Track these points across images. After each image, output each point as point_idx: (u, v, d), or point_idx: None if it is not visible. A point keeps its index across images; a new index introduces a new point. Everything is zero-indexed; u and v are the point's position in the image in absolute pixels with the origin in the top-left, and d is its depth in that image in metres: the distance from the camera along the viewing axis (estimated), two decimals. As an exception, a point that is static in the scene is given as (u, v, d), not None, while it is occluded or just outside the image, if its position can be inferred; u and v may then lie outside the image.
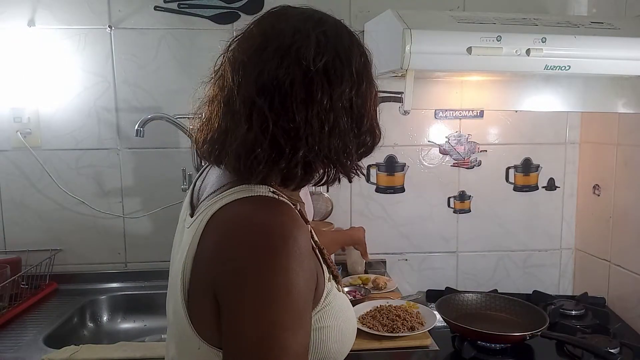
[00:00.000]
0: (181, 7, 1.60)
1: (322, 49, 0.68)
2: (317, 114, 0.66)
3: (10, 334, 1.31)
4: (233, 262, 0.62)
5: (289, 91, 0.66)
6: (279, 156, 0.67)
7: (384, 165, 1.72)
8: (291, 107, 0.66)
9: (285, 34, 0.68)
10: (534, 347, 1.29)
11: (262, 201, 0.67)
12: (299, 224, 0.65)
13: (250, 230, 0.63)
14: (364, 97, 0.71)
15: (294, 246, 0.62)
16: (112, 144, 1.64)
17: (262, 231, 0.63)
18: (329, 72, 0.67)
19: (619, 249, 1.57)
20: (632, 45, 1.24)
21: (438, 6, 1.65)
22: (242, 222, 0.65)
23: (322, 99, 0.66)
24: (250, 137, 0.66)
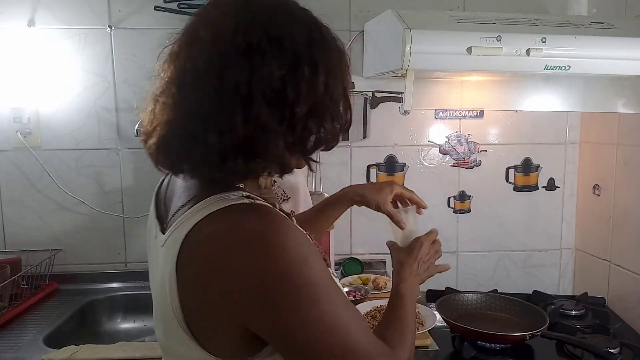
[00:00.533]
0: (181, 7, 1.60)
1: (246, 28, 0.61)
2: (231, 100, 0.60)
3: (10, 334, 1.31)
4: (247, 278, 0.60)
5: (203, 77, 0.61)
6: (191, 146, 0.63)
7: (384, 165, 1.72)
8: (205, 93, 0.61)
9: (210, 21, 0.64)
10: (534, 347, 1.29)
11: (240, 210, 0.63)
12: (284, 221, 0.63)
13: (242, 245, 0.60)
14: (301, 81, 0.62)
15: (293, 239, 0.61)
16: (112, 144, 1.64)
17: (255, 242, 0.60)
18: (253, 53, 0.60)
19: (619, 249, 1.57)
20: (632, 45, 1.24)
21: (438, 6, 1.65)
22: (230, 236, 0.61)
23: (238, 83, 0.60)
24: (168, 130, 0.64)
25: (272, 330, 0.62)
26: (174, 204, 0.72)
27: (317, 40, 0.65)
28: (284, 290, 0.60)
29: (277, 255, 0.60)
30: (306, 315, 0.61)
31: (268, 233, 0.61)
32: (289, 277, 0.60)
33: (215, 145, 0.61)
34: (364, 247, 1.74)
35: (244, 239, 0.60)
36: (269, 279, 0.59)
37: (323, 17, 0.70)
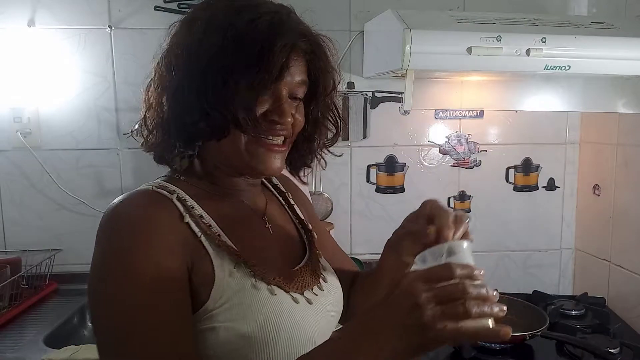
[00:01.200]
0: (181, 7, 1.60)
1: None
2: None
3: (10, 334, 1.31)
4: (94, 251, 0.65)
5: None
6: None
7: (384, 165, 1.72)
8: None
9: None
10: (534, 347, 1.29)
11: (127, 194, 0.69)
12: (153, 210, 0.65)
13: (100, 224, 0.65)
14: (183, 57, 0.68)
15: (120, 231, 0.63)
16: (112, 144, 1.64)
17: (102, 223, 0.65)
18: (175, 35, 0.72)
19: (619, 249, 1.57)
20: (632, 45, 1.24)
21: (438, 6, 1.65)
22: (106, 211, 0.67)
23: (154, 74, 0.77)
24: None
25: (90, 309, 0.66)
26: None
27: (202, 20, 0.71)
28: (92, 275, 0.63)
29: (102, 239, 0.64)
30: (96, 306, 0.63)
31: (109, 218, 0.65)
32: (99, 264, 0.63)
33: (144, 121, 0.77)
34: (364, 247, 1.74)
35: (107, 214, 0.66)
36: (96, 260, 0.63)
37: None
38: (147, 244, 0.62)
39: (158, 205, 0.66)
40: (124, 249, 0.61)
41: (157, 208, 0.66)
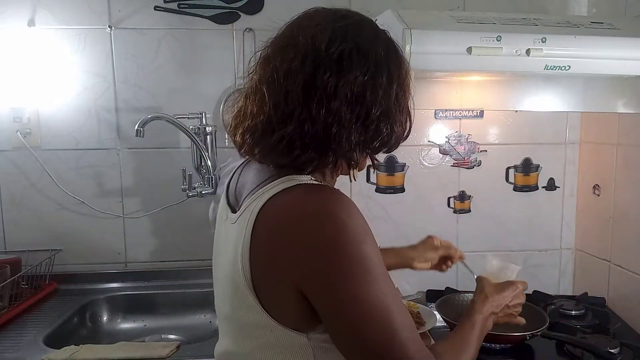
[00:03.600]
0: (181, 7, 1.60)
1: (339, 39, 0.71)
2: (317, 99, 0.69)
3: (10, 334, 1.31)
4: (309, 250, 0.65)
5: (294, 77, 0.70)
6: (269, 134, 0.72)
7: (384, 165, 1.72)
8: (293, 91, 0.70)
9: (306, 30, 0.73)
10: (534, 347, 1.29)
11: (309, 187, 0.70)
12: (349, 201, 0.69)
13: (310, 215, 0.66)
14: (378, 87, 0.72)
15: (356, 218, 0.67)
16: (112, 144, 1.64)
17: (319, 215, 0.66)
18: (343, 60, 0.70)
19: (619, 249, 1.57)
20: (632, 45, 1.24)
21: (438, 6, 1.65)
22: (299, 208, 0.67)
23: (326, 85, 0.69)
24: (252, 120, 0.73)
25: (323, 303, 0.67)
26: (246, 189, 0.79)
27: (393, 56, 0.76)
28: (339, 264, 0.65)
29: (339, 230, 0.65)
30: (356, 294, 0.65)
31: (332, 208, 0.66)
32: (346, 253, 0.65)
33: (293, 134, 0.70)
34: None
35: (309, 211, 0.67)
36: (328, 252, 0.65)
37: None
38: (375, 242, 0.69)
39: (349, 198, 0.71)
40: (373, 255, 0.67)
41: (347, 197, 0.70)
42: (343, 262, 0.65)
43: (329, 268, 0.65)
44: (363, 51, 0.71)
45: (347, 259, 0.65)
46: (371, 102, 0.71)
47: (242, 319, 0.74)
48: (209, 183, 1.54)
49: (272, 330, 0.70)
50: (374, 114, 0.72)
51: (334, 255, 0.65)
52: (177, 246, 1.68)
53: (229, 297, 0.75)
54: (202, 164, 1.56)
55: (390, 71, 0.74)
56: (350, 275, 0.65)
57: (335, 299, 0.66)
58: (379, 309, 0.65)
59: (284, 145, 0.70)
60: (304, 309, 0.69)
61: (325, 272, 0.65)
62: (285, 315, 0.70)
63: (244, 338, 0.75)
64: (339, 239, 0.65)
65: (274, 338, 0.71)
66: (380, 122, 0.73)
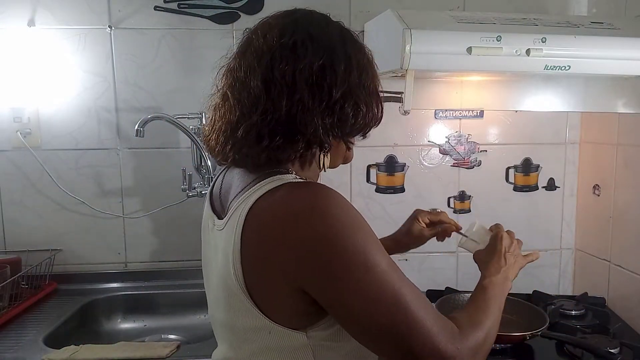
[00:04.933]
0: (181, 7, 1.60)
1: (290, 31, 0.73)
2: (277, 87, 0.71)
3: (10, 334, 1.31)
4: (303, 247, 0.65)
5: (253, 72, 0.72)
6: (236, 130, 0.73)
7: (384, 165, 1.72)
8: (255, 84, 0.72)
9: (261, 31, 0.76)
10: (534, 347, 1.29)
11: (294, 185, 0.70)
12: (337, 194, 0.69)
13: (299, 212, 0.66)
14: (337, 70, 0.73)
15: (346, 209, 0.68)
16: (112, 144, 1.64)
17: (308, 210, 0.66)
18: (296, 48, 0.72)
19: (619, 249, 1.57)
20: (632, 45, 1.24)
21: (438, 6, 1.65)
22: (287, 207, 0.67)
23: (284, 73, 0.71)
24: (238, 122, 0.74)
25: (327, 295, 0.67)
26: (231, 195, 0.79)
27: (349, 40, 0.77)
28: (337, 256, 0.65)
29: (330, 223, 0.65)
30: (357, 281, 0.65)
31: (321, 203, 0.67)
32: (342, 243, 0.65)
33: (258, 124, 0.71)
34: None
35: (298, 208, 0.67)
36: (323, 246, 0.65)
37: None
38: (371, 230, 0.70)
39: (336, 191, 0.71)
40: (370, 241, 0.68)
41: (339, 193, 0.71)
42: (341, 253, 0.65)
43: (327, 262, 0.65)
44: (316, 38, 0.73)
45: (344, 249, 0.65)
46: (330, 84, 0.72)
47: (238, 324, 0.74)
48: (209, 183, 1.54)
49: (270, 332, 0.70)
50: (335, 95, 0.72)
51: (331, 248, 0.65)
52: (177, 246, 1.68)
53: (223, 303, 0.75)
54: (202, 164, 1.56)
55: (348, 54, 0.75)
56: (350, 264, 0.65)
57: (341, 291, 0.65)
58: (387, 291, 0.65)
59: (251, 136, 0.71)
60: (305, 306, 0.69)
61: (325, 267, 0.65)
62: (284, 315, 0.70)
63: (241, 343, 0.75)
64: (332, 232, 0.65)
65: (273, 340, 0.71)
66: (345, 102, 0.73)
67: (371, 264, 0.66)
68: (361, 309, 0.65)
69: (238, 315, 0.72)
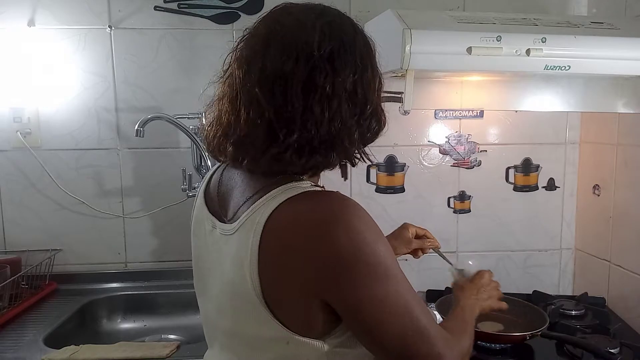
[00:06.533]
0: (181, 7, 1.60)
1: (326, 37, 0.71)
2: (318, 100, 0.69)
3: (10, 334, 1.31)
4: (326, 257, 0.66)
5: (291, 80, 0.68)
6: (272, 142, 0.69)
7: (384, 165, 1.72)
8: (293, 94, 0.68)
9: (288, 27, 0.72)
10: (534, 347, 1.29)
11: (314, 195, 0.70)
12: (358, 206, 0.70)
13: (323, 224, 0.66)
14: (367, 83, 0.73)
15: (367, 219, 0.69)
16: (112, 144, 1.64)
17: (334, 221, 0.66)
18: (334, 59, 0.70)
19: (619, 249, 1.57)
20: (632, 45, 1.24)
21: (438, 6, 1.65)
22: (310, 218, 0.67)
23: (325, 85, 0.69)
24: (249, 129, 0.70)
25: (346, 305, 0.68)
26: (236, 197, 0.77)
27: (371, 49, 0.78)
28: (359, 268, 0.66)
29: (354, 235, 0.66)
30: (376, 292, 0.67)
31: (345, 214, 0.67)
32: (363, 255, 0.66)
33: (300, 140, 0.68)
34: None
35: (321, 219, 0.66)
36: (346, 258, 0.65)
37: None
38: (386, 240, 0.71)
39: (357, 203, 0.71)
40: (387, 252, 0.69)
41: (360, 205, 0.71)
42: (363, 266, 0.66)
43: (350, 272, 0.66)
44: (349, 48, 0.72)
45: (366, 261, 0.66)
46: (363, 98, 0.73)
47: (250, 333, 0.72)
48: (209, 183, 1.54)
49: (288, 342, 0.69)
50: (368, 109, 0.73)
51: (354, 260, 0.66)
52: (177, 246, 1.68)
53: (230, 311, 0.74)
54: (202, 164, 1.56)
55: (373, 63, 0.76)
56: (370, 276, 0.66)
57: (360, 301, 0.67)
58: (400, 303, 0.68)
59: (290, 153, 0.69)
60: (323, 315, 0.69)
61: (347, 277, 0.66)
62: (302, 324, 0.70)
63: (252, 352, 0.74)
64: (355, 244, 0.66)
65: (290, 350, 0.70)
66: (373, 117, 0.75)
67: (391, 274, 0.68)
68: (377, 318, 0.67)
69: (251, 324, 0.71)
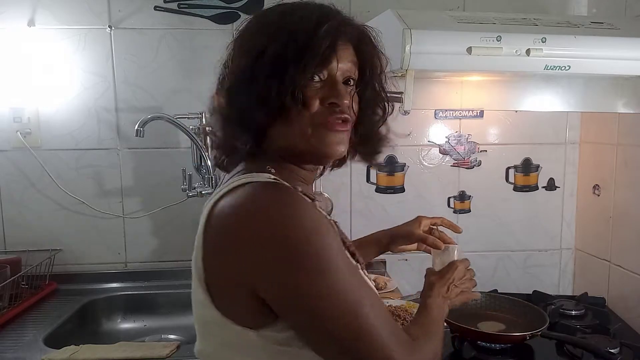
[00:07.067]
0: (181, 7, 1.60)
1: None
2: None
3: (10, 334, 1.31)
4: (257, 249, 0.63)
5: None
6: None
7: (384, 165, 1.72)
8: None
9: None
10: (534, 347, 1.29)
11: (256, 185, 0.68)
12: (298, 197, 0.66)
13: (252, 215, 0.64)
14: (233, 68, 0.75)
15: (304, 211, 0.64)
16: (112, 144, 1.64)
17: (264, 211, 0.64)
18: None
19: (619, 249, 1.57)
20: (632, 45, 1.24)
21: (438, 6, 1.65)
22: (241, 206, 0.65)
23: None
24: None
25: (279, 300, 0.65)
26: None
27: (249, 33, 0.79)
28: (288, 258, 0.62)
29: (285, 225, 0.63)
30: (304, 285, 0.62)
31: (278, 204, 0.64)
32: (294, 247, 0.62)
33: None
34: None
35: (255, 209, 0.65)
36: (274, 249, 0.62)
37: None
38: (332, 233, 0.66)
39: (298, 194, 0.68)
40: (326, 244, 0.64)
41: (300, 196, 0.68)
42: (293, 257, 0.62)
43: (278, 265, 0.63)
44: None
45: (296, 253, 0.62)
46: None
47: (200, 317, 0.74)
48: (209, 183, 1.54)
49: (223, 328, 0.69)
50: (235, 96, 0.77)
51: (282, 251, 0.62)
52: (177, 246, 1.68)
53: (193, 296, 0.75)
54: (202, 164, 1.56)
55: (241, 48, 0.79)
56: (302, 270, 0.62)
57: (292, 296, 0.63)
58: (341, 300, 0.63)
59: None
60: (258, 306, 0.66)
61: (277, 270, 0.63)
62: (237, 313, 0.68)
63: (206, 336, 0.75)
64: (284, 235, 0.62)
65: (228, 336, 0.69)
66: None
67: (327, 268, 0.63)
68: (310, 315, 0.63)
69: (200, 309, 0.72)
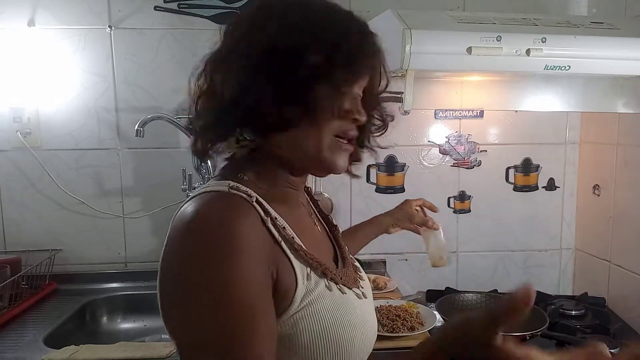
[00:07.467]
0: (181, 7, 1.60)
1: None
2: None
3: (10, 334, 1.31)
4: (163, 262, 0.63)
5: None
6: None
7: (384, 165, 1.72)
8: None
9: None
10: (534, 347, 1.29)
11: (203, 197, 0.64)
12: (240, 216, 0.61)
13: (180, 231, 0.61)
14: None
15: (224, 241, 0.58)
16: (112, 144, 1.64)
17: (189, 229, 0.60)
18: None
19: (619, 249, 1.57)
20: (632, 45, 1.24)
21: (438, 6, 1.65)
22: (178, 222, 0.62)
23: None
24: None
25: (165, 319, 0.64)
26: None
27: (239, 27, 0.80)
28: (183, 278, 0.59)
29: (193, 251, 0.59)
30: (180, 313, 0.60)
31: (197, 221, 0.60)
32: (188, 278, 0.59)
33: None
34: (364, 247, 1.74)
35: (179, 224, 0.62)
36: (174, 263, 0.61)
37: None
38: (240, 252, 0.59)
39: (242, 210, 0.63)
40: (221, 258, 0.58)
41: (241, 213, 0.62)
42: (186, 277, 0.59)
43: (163, 284, 0.62)
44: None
45: (182, 273, 0.59)
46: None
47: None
48: (209, 183, 1.54)
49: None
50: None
51: (175, 267, 0.61)
52: (177, 246, 1.68)
53: None
54: (202, 164, 1.56)
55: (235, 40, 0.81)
56: (180, 296, 0.59)
57: (166, 318, 0.63)
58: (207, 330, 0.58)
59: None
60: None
61: (164, 286, 0.62)
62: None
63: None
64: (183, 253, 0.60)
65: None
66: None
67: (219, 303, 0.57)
68: (180, 337, 0.61)
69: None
